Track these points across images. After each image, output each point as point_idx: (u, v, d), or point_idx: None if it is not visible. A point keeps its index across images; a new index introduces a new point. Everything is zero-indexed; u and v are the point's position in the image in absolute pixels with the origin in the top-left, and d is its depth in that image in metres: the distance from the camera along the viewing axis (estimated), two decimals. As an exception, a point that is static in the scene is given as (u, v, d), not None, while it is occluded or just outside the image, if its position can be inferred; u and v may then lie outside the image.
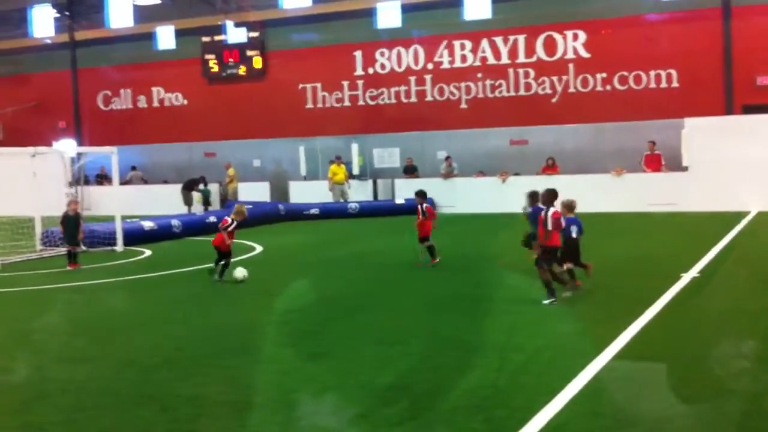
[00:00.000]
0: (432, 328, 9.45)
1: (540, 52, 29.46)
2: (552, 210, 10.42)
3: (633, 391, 6.79)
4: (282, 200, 29.13)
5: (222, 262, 13.71)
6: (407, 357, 8.13)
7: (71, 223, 16.86)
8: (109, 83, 36.10)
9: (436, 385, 6.99)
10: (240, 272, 13.45)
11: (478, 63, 30.40)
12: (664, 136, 25.64)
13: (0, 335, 10.34)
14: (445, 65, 30.91)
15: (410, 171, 29.67)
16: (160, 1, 34.71)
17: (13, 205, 20.57)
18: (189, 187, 29.45)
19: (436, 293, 11.81)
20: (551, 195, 10.61)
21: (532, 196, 11.13)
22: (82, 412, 6.68)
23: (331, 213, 26.63)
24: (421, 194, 15.18)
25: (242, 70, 33.67)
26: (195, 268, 15.38)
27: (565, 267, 11.10)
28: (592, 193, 25.19)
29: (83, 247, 18.02)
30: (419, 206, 15.05)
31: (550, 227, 10.29)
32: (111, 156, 21.18)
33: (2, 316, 11.78)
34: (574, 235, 11.20)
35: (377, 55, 31.82)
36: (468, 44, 30.49)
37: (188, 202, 29.21)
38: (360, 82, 32.17)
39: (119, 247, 19.26)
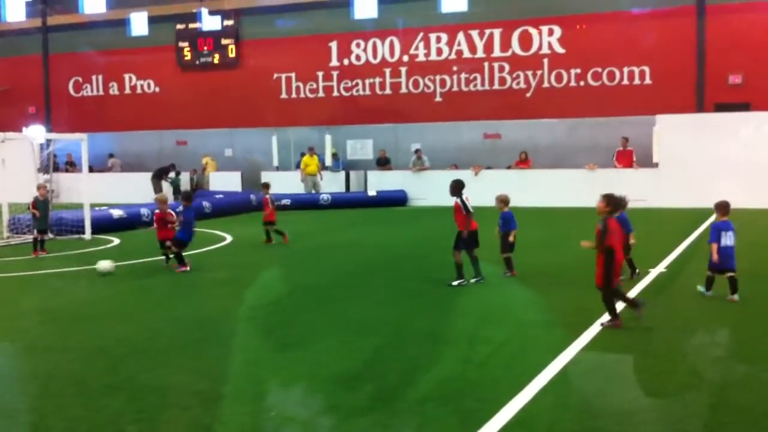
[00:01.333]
0: (402, 320, 9.47)
1: (515, 46, 29.54)
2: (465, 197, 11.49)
3: (599, 384, 6.86)
4: (254, 190, 29.01)
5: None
6: (377, 348, 8.15)
7: (42, 208, 16.66)
8: (81, 69, 35.67)
9: (406, 376, 7.01)
10: (104, 264, 13.48)
11: (453, 56, 30.42)
12: (637, 133, 25.88)
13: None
14: (421, 58, 30.90)
15: (383, 163, 29.68)
16: (134, -13, 34.36)
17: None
18: (159, 175, 29.20)
19: (406, 285, 11.82)
20: (458, 185, 11.62)
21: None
22: (49, 399, 6.63)
23: (302, 204, 26.56)
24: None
25: (216, 59, 33.43)
26: (163, 257, 15.26)
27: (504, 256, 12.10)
28: (564, 188, 25.47)
29: (51, 235, 17.81)
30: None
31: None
32: (81, 143, 20.95)
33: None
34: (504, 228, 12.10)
35: (353, 46, 31.73)
36: (444, 37, 30.50)
37: (158, 190, 28.96)
38: (335, 73, 32.06)
39: (87, 235, 19.07)
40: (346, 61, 31.91)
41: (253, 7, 32.89)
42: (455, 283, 11.29)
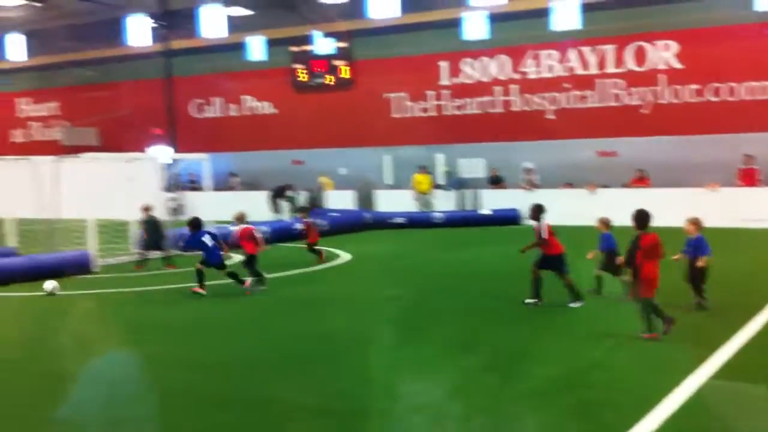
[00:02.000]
0: (511, 340, 9.43)
1: (629, 62, 28.95)
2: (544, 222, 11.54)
3: (728, 413, 6.65)
4: (367, 208, 29.40)
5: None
6: (487, 369, 8.13)
7: (149, 227, 17.38)
8: (202, 92, 37.10)
9: (527, 400, 6.99)
10: (48, 285, 13.82)
11: (565, 73, 30.07)
12: (761, 150, 24.88)
13: (96, 334, 10.78)
14: (532, 75, 30.70)
15: (495, 181, 29.58)
16: (251, 12, 35.53)
17: (109, 209, 21.27)
18: (277, 194, 30.00)
19: (516, 306, 11.72)
20: (538, 209, 11.77)
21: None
22: (169, 411, 6.92)
23: (416, 222, 26.74)
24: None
25: (330, 80, 34.15)
26: (281, 274, 15.70)
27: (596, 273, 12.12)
28: (682, 207, 24.67)
29: (161, 252, 18.40)
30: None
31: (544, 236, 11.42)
32: (203, 162, 21.79)
33: (98, 315, 12.26)
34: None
35: (463, 65, 31.83)
36: (555, 54, 30.21)
37: (276, 209, 29.75)
38: (445, 92, 32.23)
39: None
40: (456, 80, 32.03)
41: (364, 28, 33.45)
42: (529, 301, 11.47)
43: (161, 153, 29.15)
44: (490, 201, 28.39)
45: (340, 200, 30.49)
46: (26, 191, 19.76)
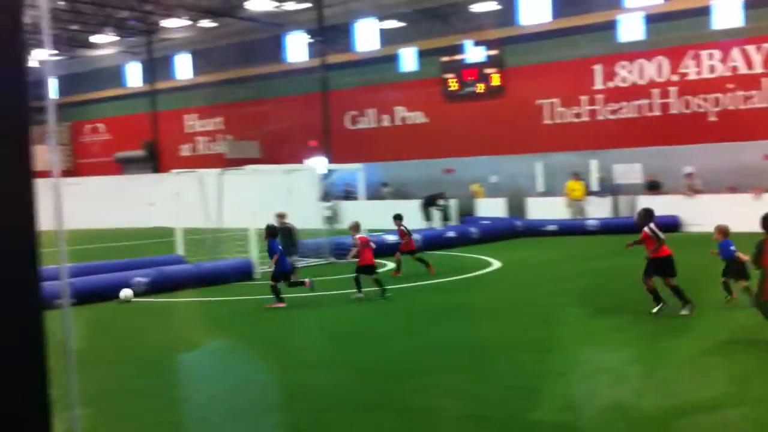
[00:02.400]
0: (668, 353, 9.17)
1: (800, 59, 27.29)
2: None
3: None
4: (519, 216, 29.17)
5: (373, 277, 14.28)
6: (644, 376, 7.96)
7: (283, 236, 17.89)
8: (356, 104, 38.09)
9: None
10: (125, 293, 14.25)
11: (728, 73, 28.72)
12: None
13: (255, 339, 11.36)
14: (692, 76, 29.51)
15: (653, 187, 28.60)
16: (403, 24, 36.18)
17: (270, 218, 22.25)
18: (429, 202, 30.32)
19: (673, 319, 11.34)
20: (647, 214, 11.84)
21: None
22: (327, 414, 7.20)
23: (569, 230, 26.28)
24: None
25: (480, 88, 34.20)
26: (433, 281, 15.89)
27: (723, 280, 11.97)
28: None
29: (296, 260, 18.49)
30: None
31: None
32: (357, 172, 22.40)
33: (257, 320, 12.88)
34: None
35: (617, 68, 31.04)
36: (717, 54, 28.90)
37: (428, 217, 30.06)
38: (599, 96, 31.53)
39: (364, 259, 20.25)
40: (610, 84, 31.28)
41: (515, 35, 33.30)
42: (655, 310, 11.21)
43: (318, 164, 30.21)
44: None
45: (491, 208, 30.42)
46: (193, 202, 21.03)
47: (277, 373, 8.96)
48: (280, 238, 18.01)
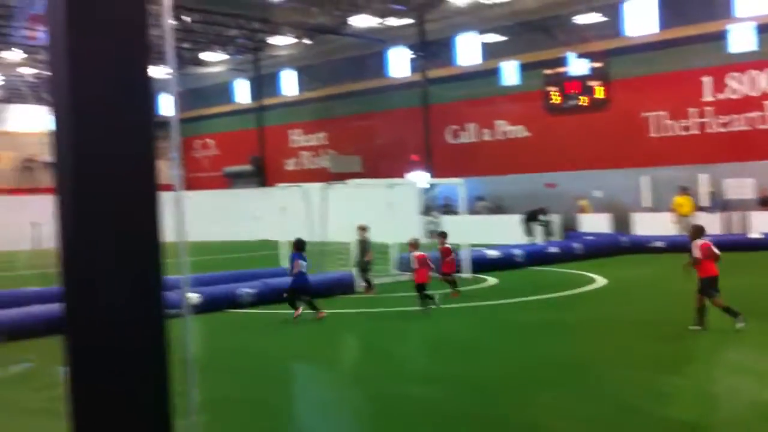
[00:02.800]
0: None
1: None
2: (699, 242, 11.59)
3: None
4: (624, 232, 28.55)
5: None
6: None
7: (362, 248, 17.99)
8: (457, 118, 38.12)
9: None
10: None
11: None
12: None
13: (365, 351, 11.53)
14: (809, 87, 28.28)
15: (766, 203, 27.51)
16: (505, 38, 36.05)
17: (371, 232, 22.52)
18: (531, 217, 30.04)
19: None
20: (697, 230, 12.08)
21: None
22: (427, 428, 7.26)
23: (677, 246, 25.48)
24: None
25: (584, 101, 33.70)
26: (535, 297, 15.75)
27: None
28: None
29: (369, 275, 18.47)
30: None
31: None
32: (457, 187, 22.40)
33: (367, 331, 13.07)
34: None
35: (728, 79, 30.04)
36: (837, 62, 27.63)
37: (530, 232, 29.77)
38: (709, 109, 30.58)
39: (466, 273, 20.26)
40: (720, 96, 30.30)
41: (621, 47, 32.68)
42: (738, 325, 11.12)
43: (419, 178, 30.38)
44: (761, 224, 26.43)
45: (595, 223, 29.90)
46: (298, 216, 21.48)
47: (380, 384, 9.08)
48: (358, 250, 18.16)
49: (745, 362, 9.64)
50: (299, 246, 14.51)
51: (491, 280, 19.57)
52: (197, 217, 42.15)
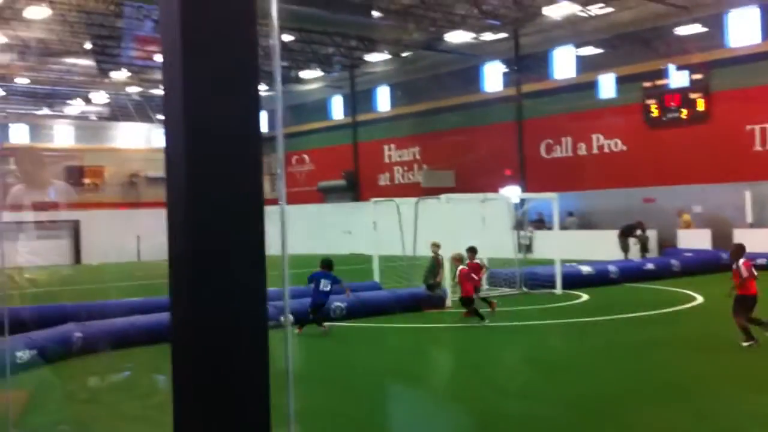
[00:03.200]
0: None
1: None
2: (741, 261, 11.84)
3: None
4: (725, 249, 27.62)
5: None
6: None
7: (432, 265, 17.86)
8: (551, 132, 37.70)
9: None
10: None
11: None
12: None
13: (457, 367, 11.57)
14: None
15: None
16: (601, 51, 35.53)
17: (463, 247, 22.57)
18: (626, 233, 29.43)
19: None
20: (739, 249, 12.38)
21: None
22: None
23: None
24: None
25: (684, 114, 32.83)
26: (631, 315, 15.46)
27: None
28: None
29: (438, 292, 17.93)
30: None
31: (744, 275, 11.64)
32: (551, 202, 22.21)
33: (455, 349, 13.11)
34: None
35: (838, 89, 28.78)
36: None
37: (625, 248, 29.17)
38: (817, 121, 29.34)
39: (558, 289, 20.05)
40: (829, 108, 29.04)
41: (723, 58, 31.74)
42: (745, 344, 11.46)
43: (512, 193, 30.19)
44: None
45: (694, 240, 29.06)
46: (390, 230, 21.70)
47: (480, 402, 9.10)
48: (429, 267, 18.08)
49: None
50: (326, 265, 14.69)
51: (584, 296, 19.29)
52: (292, 231, 43.16)
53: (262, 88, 3.67)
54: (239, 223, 3.14)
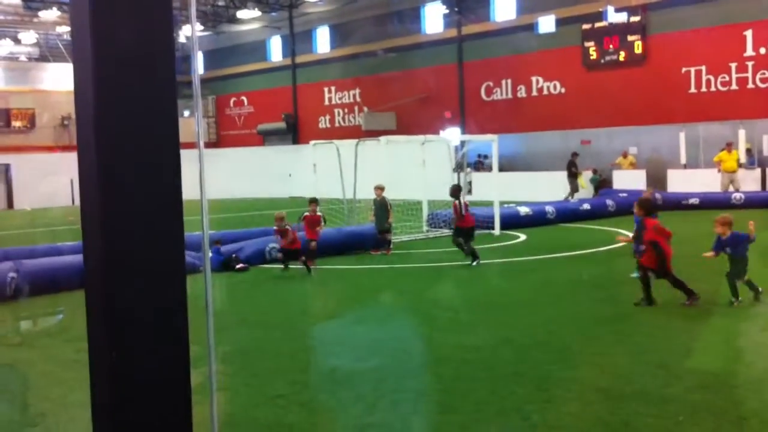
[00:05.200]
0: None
1: None
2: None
3: None
4: (659, 189, 28.23)
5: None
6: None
7: (377, 209, 17.82)
8: (491, 74, 37.69)
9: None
10: None
11: None
12: None
13: (398, 306, 11.64)
14: None
15: (807, 160, 27.02)
16: (542, -8, 35.46)
17: (404, 189, 22.54)
18: (571, 171, 30.06)
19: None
20: (455, 189, 15.48)
21: None
22: (461, 382, 7.35)
23: (712, 203, 25.21)
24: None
25: (622, 56, 33.10)
26: (566, 254, 15.73)
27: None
28: None
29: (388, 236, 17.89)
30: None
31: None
32: (491, 144, 22.29)
33: (398, 289, 13.17)
34: None
35: (772, 33, 29.30)
36: None
37: (574, 188, 29.83)
38: (750, 63, 29.87)
39: (497, 230, 20.26)
40: (763, 50, 29.55)
41: (660, 0, 31.96)
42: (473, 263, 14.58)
43: (452, 135, 30.22)
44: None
45: (630, 180, 29.61)
46: (330, 173, 21.56)
47: (418, 338, 9.16)
48: (377, 210, 18.05)
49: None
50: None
51: (521, 236, 19.55)
52: (232, 175, 42.92)
53: (198, 29, 3.48)
54: (153, 164, 3.00)
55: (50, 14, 43.51)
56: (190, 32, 4.19)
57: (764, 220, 21.42)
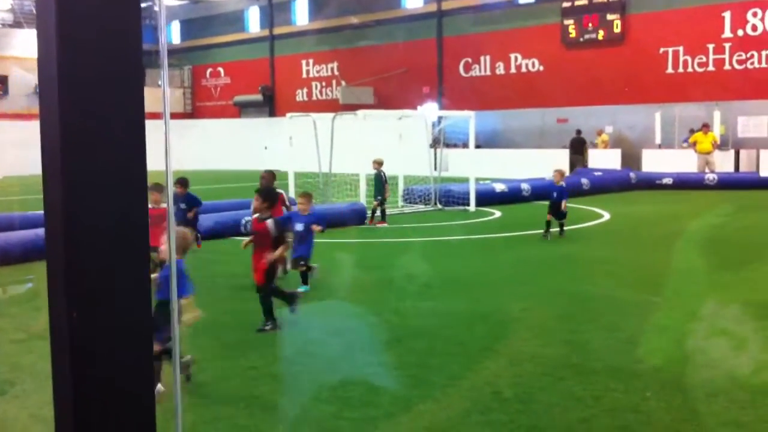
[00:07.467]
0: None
1: None
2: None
3: None
4: (633, 168, 28.41)
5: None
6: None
7: (377, 181, 17.89)
8: (470, 50, 37.56)
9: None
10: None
11: None
12: None
13: (369, 281, 11.61)
14: (831, 24, 27.67)
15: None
16: (526, -33, 35.33)
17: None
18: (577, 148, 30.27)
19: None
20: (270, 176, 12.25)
21: None
22: (434, 357, 7.38)
23: (685, 183, 25.42)
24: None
25: (600, 35, 33.11)
26: (541, 231, 15.78)
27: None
28: None
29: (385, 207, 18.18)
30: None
31: None
32: (469, 120, 22.25)
33: (370, 264, 13.15)
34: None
35: (749, 15, 29.41)
36: None
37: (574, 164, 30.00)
38: (727, 45, 30.01)
39: (472, 207, 20.30)
40: (740, 32, 29.70)
41: (640, -21, 31.99)
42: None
43: (429, 111, 30.15)
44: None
45: (605, 159, 29.76)
46: (306, 146, 21.42)
47: (388, 314, 9.15)
48: (374, 183, 18.06)
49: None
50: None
51: (497, 213, 19.60)
52: (208, 146, 42.52)
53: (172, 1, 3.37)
54: (117, 135, 2.92)
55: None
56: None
57: (739, 201, 21.72)
